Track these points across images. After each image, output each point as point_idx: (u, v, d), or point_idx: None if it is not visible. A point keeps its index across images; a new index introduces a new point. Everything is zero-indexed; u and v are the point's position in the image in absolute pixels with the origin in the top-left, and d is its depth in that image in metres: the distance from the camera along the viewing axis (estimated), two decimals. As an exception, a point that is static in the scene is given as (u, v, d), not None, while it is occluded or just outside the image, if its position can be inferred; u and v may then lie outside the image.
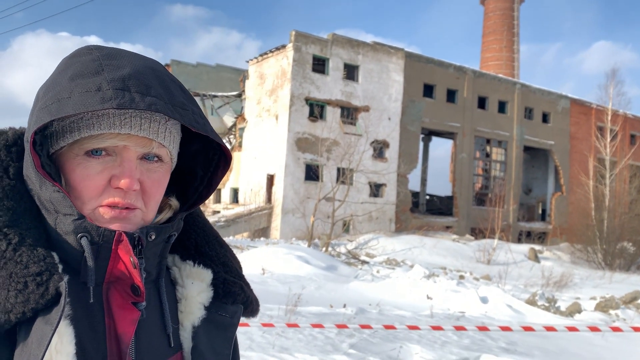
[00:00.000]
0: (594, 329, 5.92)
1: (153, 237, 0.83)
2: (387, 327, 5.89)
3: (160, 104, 0.76)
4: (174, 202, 0.92)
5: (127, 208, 0.80)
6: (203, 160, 0.93)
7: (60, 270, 0.76)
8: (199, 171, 0.94)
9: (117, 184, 0.78)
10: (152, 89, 0.77)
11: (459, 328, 6.10)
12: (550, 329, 5.82)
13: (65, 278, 0.75)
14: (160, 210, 0.89)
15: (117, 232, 0.78)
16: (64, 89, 0.76)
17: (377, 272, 16.96)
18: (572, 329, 5.60)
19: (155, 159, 0.83)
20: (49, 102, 0.76)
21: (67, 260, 0.79)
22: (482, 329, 6.12)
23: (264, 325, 6.24)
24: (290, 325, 5.92)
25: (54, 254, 0.78)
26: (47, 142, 0.81)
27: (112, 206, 0.79)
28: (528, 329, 6.44)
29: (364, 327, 5.92)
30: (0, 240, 0.76)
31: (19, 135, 0.86)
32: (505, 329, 5.96)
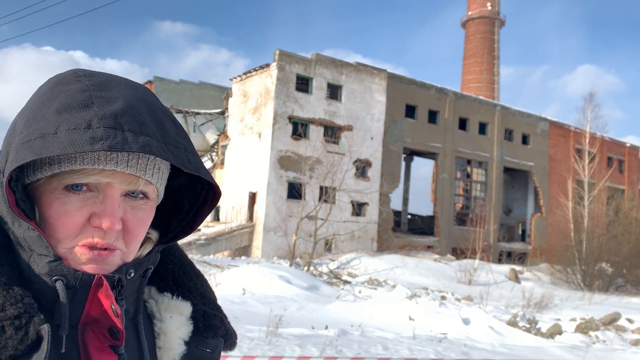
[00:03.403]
0: None
1: (132, 274, 0.78)
2: None
3: (154, 144, 0.70)
4: (154, 235, 0.86)
5: (106, 249, 0.74)
6: (190, 194, 0.87)
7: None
8: (186, 204, 0.88)
9: (97, 224, 0.72)
10: (145, 126, 0.71)
11: None
12: None
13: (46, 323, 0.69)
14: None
15: (96, 276, 0.72)
16: (49, 124, 0.68)
17: (359, 292, 16.86)
18: None
19: (141, 195, 0.77)
20: (31, 136, 0.68)
21: (39, 300, 0.73)
22: None
23: (245, 358, 6.12)
24: None
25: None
26: (22, 175, 0.74)
27: (90, 247, 0.73)
28: None
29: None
30: None
31: None
32: None
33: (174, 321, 0.86)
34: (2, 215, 0.74)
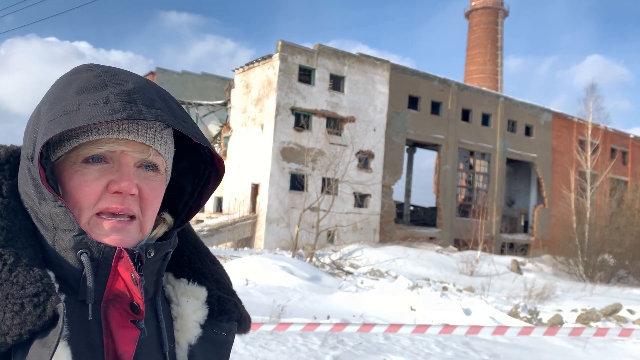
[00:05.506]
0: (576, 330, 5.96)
1: (152, 254, 0.84)
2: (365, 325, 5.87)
3: (165, 116, 0.79)
4: (168, 218, 0.93)
5: (124, 219, 0.80)
6: (193, 176, 0.94)
7: (57, 290, 0.76)
8: (188, 187, 0.94)
9: (115, 188, 0.79)
10: (155, 102, 0.80)
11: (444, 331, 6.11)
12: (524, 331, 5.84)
13: (62, 297, 0.75)
14: (154, 226, 0.90)
15: (117, 248, 0.79)
16: (71, 103, 0.77)
17: (361, 283, 16.93)
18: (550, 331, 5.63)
19: (152, 167, 0.84)
20: (57, 114, 0.76)
21: (64, 279, 0.79)
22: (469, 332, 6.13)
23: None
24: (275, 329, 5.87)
25: (51, 273, 0.78)
26: (49, 154, 0.81)
27: (110, 215, 0.80)
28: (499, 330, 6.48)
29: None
30: None
31: (10, 153, 0.87)
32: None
33: (190, 305, 0.92)
34: (29, 196, 0.80)
